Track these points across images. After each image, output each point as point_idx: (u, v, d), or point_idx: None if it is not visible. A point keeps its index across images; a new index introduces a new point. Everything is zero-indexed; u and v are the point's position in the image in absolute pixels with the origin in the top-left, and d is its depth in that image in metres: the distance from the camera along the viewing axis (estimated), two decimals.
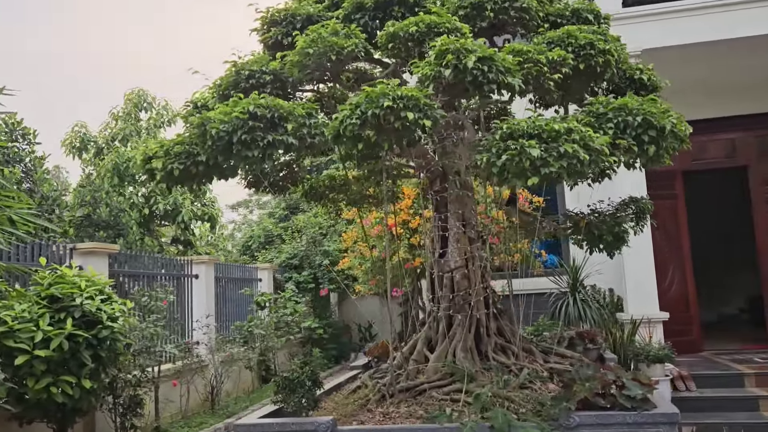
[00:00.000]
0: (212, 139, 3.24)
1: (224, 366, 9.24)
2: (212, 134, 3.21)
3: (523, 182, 3.13)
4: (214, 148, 3.25)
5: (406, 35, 3.48)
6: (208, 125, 3.20)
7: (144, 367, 7.08)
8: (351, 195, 5.69)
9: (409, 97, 2.99)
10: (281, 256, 14.39)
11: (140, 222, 14.75)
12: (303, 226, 15.20)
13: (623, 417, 3.12)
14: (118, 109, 16.71)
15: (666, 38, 7.55)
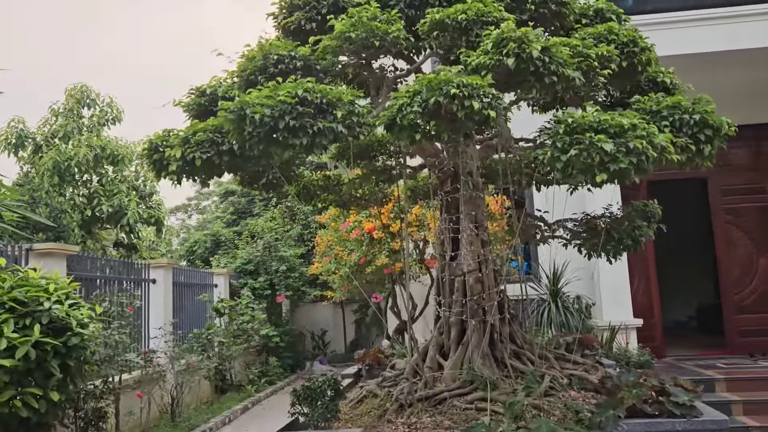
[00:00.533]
0: (253, 125, 2.94)
1: (184, 376, 8.77)
2: (254, 119, 2.91)
3: (589, 179, 3.01)
4: (255, 135, 2.96)
5: (454, 23, 3.30)
6: (249, 110, 2.91)
7: (107, 378, 6.59)
8: (342, 196, 5.46)
9: (474, 85, 2.81)
10: (236, 261, 13.92)
11: (81, 224, 13.93)
12: (260, 231, 14.76)
13: (672, 424, 3.04)
14: (59, 105, 15.78)
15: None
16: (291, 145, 2.93)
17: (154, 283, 9.50)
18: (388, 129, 2.96)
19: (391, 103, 2.95)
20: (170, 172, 3.47)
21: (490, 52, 3.08)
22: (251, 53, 3.49)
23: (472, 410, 3.69)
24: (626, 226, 4.48)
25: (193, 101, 4.01)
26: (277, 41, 3.52)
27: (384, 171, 4.93)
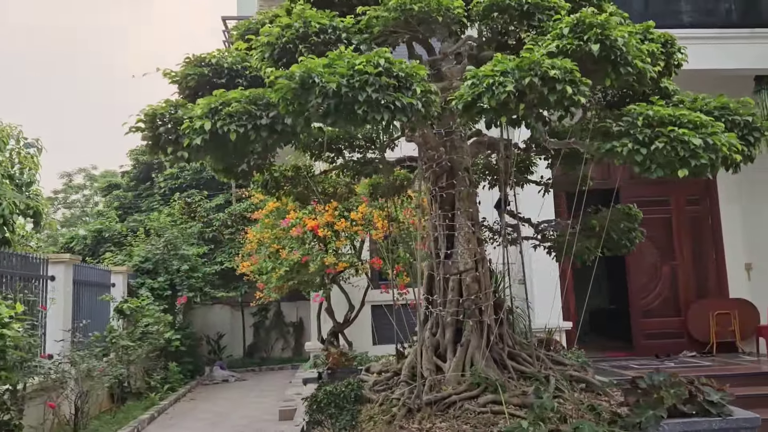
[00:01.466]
0: (323, 96, 2.57)
1: (86, 382, 7.91)
2: (325, 89, 2.54)
3: (669, 173, 2.96)
4: (323, 107, 2.58)
5: (516, 4, 3.12)
6: (320, 78, 2.52)
7: (15, 385, 5.76)
8: (308, 189, 5.13)
9: (566, 69, 2.65)
10: (132, 259, 12.88)
11: None
12: (155, 227, 13.77)
13: (709, 423, 3.08)
14: None
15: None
16: (369, 120, 2.62)
17: (53, 281, 8.52)
18: (466, 110, 2.75)
19: (474, 82, 2.72)
20: (188, 148, 2.98)
21: (567, 36, 2.96)
22: (285, 21, 3.10)
23: (486, 413, 3.54)
24: (622, 227, 4.56)
25: (193, 71, 3.53)
26: (311, 10, 3.16)
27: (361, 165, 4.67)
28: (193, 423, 8.91)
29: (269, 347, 16.50)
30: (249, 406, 10.05)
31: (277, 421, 8.72)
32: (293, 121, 2.79)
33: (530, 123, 2.81)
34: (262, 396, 11.10)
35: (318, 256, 6.89)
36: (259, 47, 3.16)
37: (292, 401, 9.52)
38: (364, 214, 7.05)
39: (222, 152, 2.95)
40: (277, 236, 7.50)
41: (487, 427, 3.39)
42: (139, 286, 12.37)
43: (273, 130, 2.89)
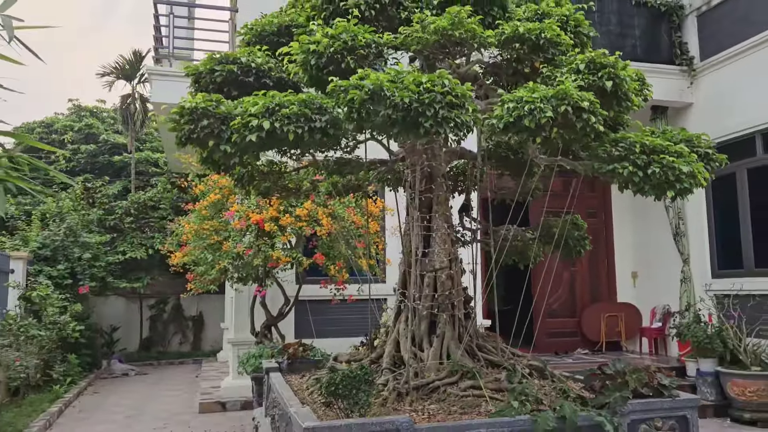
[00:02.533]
0: (393, 108, 2.77)
1: None
2: (395, 103, 2.75)
3: (657, 194, 3.44)
4: (392, 118, 2.77)
5: (534, 38, 3.47)
6: (392, 92, 2.71)
7: None
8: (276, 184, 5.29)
9: (591, 101, 3.05)
10: (30, 244, 12.12)
11: None
12: (58, 213, 13.03)
13: (661, 403, 3.63)
14: None
15: None
16: (432, 133, 2.87)
17: None
18: (507, 128, 3.08)
19: (514, 105, 3.05)
20: (230, 143, 3.06)
21: (583, 72, 3.39)
22: (331, 31, 3.24)
23: (468, 397, 3.92)
24: (576, 236, 5.12)
25: (221, 68, 3.60)
26: (357, 26, 3.31)
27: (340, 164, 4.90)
28: (108, 416, 8.63)
29: (166, 341, 16.05)
30: (161, 400, 9.86)
31: (197, 414, 8.70)
32: (355, 128, 3.01)
33: (561, 143, 3.19)
34: (172, 390, 10.90)
35: (262, 249, 7.00)
36: (301, 54, 3.31)
37: (211, 395, 9.49)
38: (310, 211, 7.24)
39: (273, 148, 3.09)
40: (216, 228, 7.50)
41: (473, 408, 3.77)
42: (37, 273, 11.68)
43: (326, 132, 3.09)
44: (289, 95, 3.08)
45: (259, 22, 4.19)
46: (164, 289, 16.31)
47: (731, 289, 8.75)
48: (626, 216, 11.34)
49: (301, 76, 3.39)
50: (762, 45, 8.75)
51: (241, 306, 9.37)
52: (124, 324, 15.54)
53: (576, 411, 3.44)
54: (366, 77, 2.90)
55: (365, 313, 9.82)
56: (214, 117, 3.15)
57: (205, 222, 7.40)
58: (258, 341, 7.91)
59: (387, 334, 4.88)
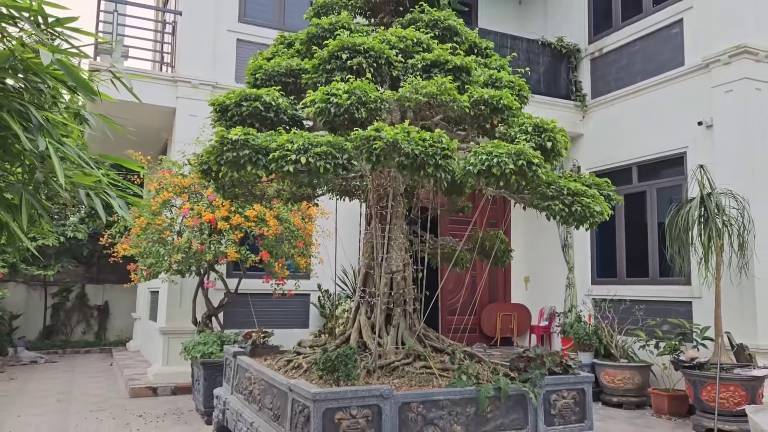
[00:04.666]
0: (405, 156, 3.63)
1: None
2: (407, 152, 3.60)
3: (578, 225, 4.54)
4: (404, 164, 3.63)
5: (494, 103, 4.46)
6: (404, 144, 3.57)
7: None
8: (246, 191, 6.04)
9: (539, 156, 4.07)
10: None
11: None
12: None
13: (567, 379, 4.79)
14: None
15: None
16: (432, 175, 3.76)
17: None
18: (480, 173, 4.03)
19: (485, 157, 4.01)
20: (265, 170, 3.80)
21: (530, 133, 4.45)
22: (350, 87, 4.03)
23: (422, 374, 4.90)
24: (502, 248, 6.25)
25: (249, 105, 4.30)
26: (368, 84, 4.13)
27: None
28: (37, 401, 8.86)
29: (69, 330, 15.91)
30: (85, 386, 10.12)
31: (129, 398, 9.13)
32: (372, 168, 3.86)
33: (509, 183, 4.19)
34: (90, 377, 11.12)
35: (214, 245, 7.65)
36: (321, 102, 4.08)
37: (139, 380, 9.90)
38: (258, 212, 7.97)
39: (303, 178, 3.86)
40: (169, 224, 8.03)
41: (427, 382, 4.76)
42: None
43: (345, 168, 3.92)
44: (323, 137, 3.90)
45: (268, 65, 4.94)
46: (69, 277, 16.15)
47: (607, 295, 10.40)
48: (521, 228, 12.86)
49: (318, 119, 4.20)
50: (639, 92, 10.48)
51: (174, 297, 9.88)
52: (24, 312, 15.26)
53: (508, 383, 4.54)
54: (381, 129, 3.80)
55: (291, 307, 10.66)
56: (252, 148, 3.91)
57: (157, 218, 7.91)
58: (200, 330, 8.51)
59: (345, 324, 5.79)
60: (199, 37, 10.54)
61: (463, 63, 4.58)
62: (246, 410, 5.31)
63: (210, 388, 7.64)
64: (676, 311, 9.43)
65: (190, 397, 9.09)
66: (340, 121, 4.13)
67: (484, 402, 4.38)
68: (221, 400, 6.05)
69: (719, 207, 7.97)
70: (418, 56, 4.61)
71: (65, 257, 14.92)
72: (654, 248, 10.01)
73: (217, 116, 4.66)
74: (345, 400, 4.02)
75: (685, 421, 8.32)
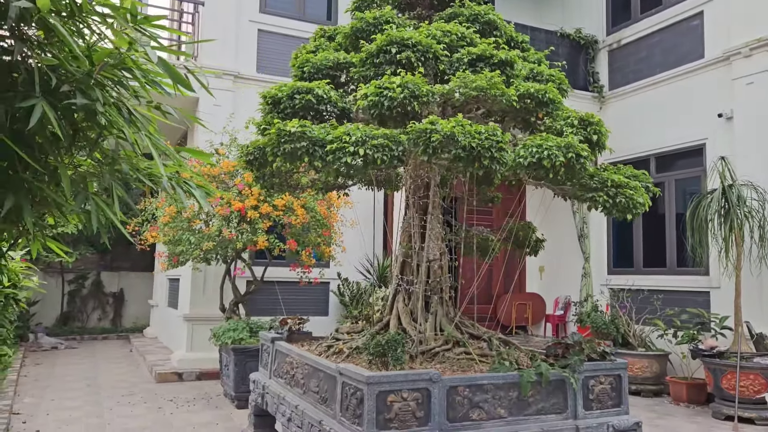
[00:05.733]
0: (462, 149, 3.76)
1: None
2: (463, 145, 3.74)
3: (621, 216, 4.67)
4: (460, 156, 3.77)
5: (542, 96, 4.59)
6: (461, 137, 3.71)
7: None
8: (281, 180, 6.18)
9: (587, 150, 4.20)
10: None
11: None
12: None
13: (605, 365, 4.94)
14: None
15: None
16: (485, 167, 3.89)
17: None
18: (531, 165, 4.16)
19: (536, 149, 4.14)
20: (321, 162, 3.92)
21: (576, 126, 4.57)
22: (403, 80, 4.15)
23: (463, 360, 5.05)
24: (533, 238, 6.39)
25: (302, 98, 4.42)
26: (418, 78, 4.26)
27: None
28: (68, 385, 9.04)
29: (86, 317, 16.09)
30: (110, 372, 10.30)
31: (156, 383, 9.31)
32: (428, 159, 3.97)
33: (558, 175, 4.31)
34: (113, 363, 11.30)
35: (245, 234, 7.79)
36: (375, 96, 4.19)
37: (163, 366, 10.08)
38: (286, 202, 8.10)
39: (357, 170, 3.99)
40: (199, 212, 8.17)
41: (468, 367, 4.92)
42: None
43: (401, 159, 4.04)
44: (373, 129, 4.01)
45: (315, 58, 5.05)
46: (84, 264, 16.31)
47: (624, 284, 10.55)
48: (537, 218, 12.96)
49: (371, 112, 4.31)
50: (658, 84, 10.58)
51: (198, 284, 10.04)
52: (41, 298, 15.43)
53: (549, 369, 4.69)
54: (436, 122, 3.91)
55: (311, 295, 10.82)
56: (309, 139, 4.03)
57: (187, 207, 8.05)
58: (228, 317, 8.66)
59: (382, 311, 5.94)
60: (221, 26, 10.62)
61: (507, 57, 4.69)
62: (288, 394, 5.46)
63: (240, 374, 7.82)
64: (693, 301, 9.57)
65: (215, 382, 9.28)
66: (390, 114, 4.25)
67: (526, 387, 4.53)
68: (259, 384, 6.20)
69: (741, 198, 8.09)
70: (463, 51, 4.72)
71: (83, 245, 15.07)
72: (672, 239, 10.14)
73: (268, 108, 4.77)
74: (397, 383, 4.17)
75: (703, 408, 8.48)
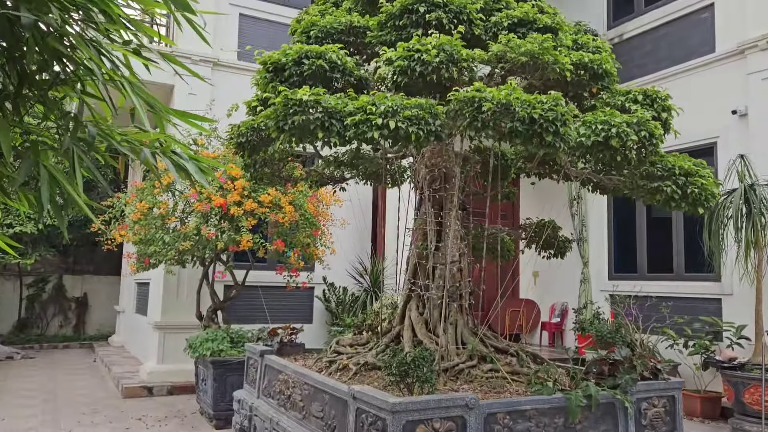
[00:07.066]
0: (519, 122, 3.00)
1: None
2: (521, 117, 2.98)
3: (691, 210, 3.97)
4: (517, 129, 3.01)
5: (598, 67, 3.87)
6: (518, 107, 2.95)
7: None
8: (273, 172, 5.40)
9: (656, 125, 3.51)
10: None
11: None
12: None
13: (658, 385, 4.26)
14: None
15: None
16: (543, 145, 3.15)
17: None
18: (595, 145, 3.45)
19: (602, 127, 3.43)
20: (338, 136, 3.13)
21: (641, 102, 3.88)
22: (437, 42, 3.39)
23: (492, 378, 4.31)
24: (562, 238, 5.70)
25: (312, 63, 3.62)
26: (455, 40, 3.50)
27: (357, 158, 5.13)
28: (22, 401, 8.06)
29: (45, 323, 14.95)
30: (70, 385, 9.33)
31: (123, 399, 8.38)
32: (475, 134, 3.22)
33: (626, 158, 3.61)
34: (74, 375, 10.31)
35: (227, 233, 6.94)
36: (403, 60, 3.43)
37: (132, 379, 9.13)
38: (273, 198, 7.28)
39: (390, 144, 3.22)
40: (173, 208, 7.30)
41: (501, 388, 4.18)
42: None
43: (438, 136, 3.29)
44: (411, 100, 3.26)
45: (324, 21, 4.28)
46: (44, 267, 15.19)
47: (629, 291, 9.95)
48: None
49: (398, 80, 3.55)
50: (664, 79, 10.01)
51: (171, 289, 9.13)
52: None
53: (598, 390, 3.98)
54: (483, 90, 3.18)
55: (294, 301, 10.00)
56: (324, 110, 3.25)
57: (161, 203, 7.18)
58: (205, 325, 7.80)
59: (391, 320, 5.17)
60: (199, 8, 9.74)
61: (554, 23, 3.99)
62: (283, 418, 4.66)
63: (220, 389, 6.97)
64: (703, 308, 9.02)
65: (189, 397, 8.39)
66: (423, 83, 3.49)
67: (575, 412, 3.81)
68: (245, 404, 5.38)
69: (765, 199, 7.54)
70: (501, 14, 4.00)
71: (42, 246, 13.97)
72: (679, 242, 9.59)
73: (268, 78, 3.97)
74: (428, 411, 3.41)
75: (719, 424, 7.90)
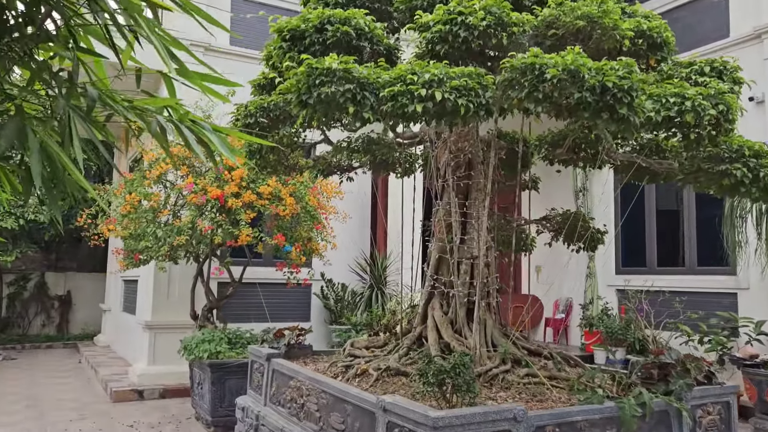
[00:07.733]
0: (589, 91, 2.57)
1: None
2: (591, 87, 2.56)
3: (763, 198, 3.58)
4: (586, 101, 2.58)
5: (657, 35, 3.45)
6: (593, 76, 2.52)
7: None
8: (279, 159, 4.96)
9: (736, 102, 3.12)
10: None
11: None
12: None
13: (713, 389, 3.89)
14: None
15: None
16: (625, 120, 2.71)
17: None
18: (664, 121, 3.05)
19: (675, 100, 3.03)
20: (372, 111, 2.69)
21: (707, 74, 3.47)
22: (484, 3, 2.96)
23: (530, 384, 3.90)
24: (593, 230, 5.32)
25: (336, 29, 3.15)
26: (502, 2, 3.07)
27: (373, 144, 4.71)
28: (6, 407, 7.54)
29: (27, 323, 14.35)
30: (55, 388, 8.81)
31: (113, 403, 7.90)
32: (534, 107, 2.77)
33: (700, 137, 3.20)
34: (58, 377, 9.78)
35: (224, 227, 6.47)
36: (444, 24, 2.99)
37: (121, 382, 8.63)
38: (273, 189, 6.82)
39: (434, 120, 2.77)
40: (165, 201, 6.82)
41: (541, 395, 3.78)
42: None
43: (488, 110, 2.86)
44: (457, 69, 2.82)
45: None
46: (26, 264, 14.58)
47: (639, 285, 9.61)
48: (533, 212, 11.99)
49: (435, 48, 3.11)
50: None
51: (161, 286, 8.64)
52: None
53: (652, 398, 3.60)
54: (539, 56, 2.75)
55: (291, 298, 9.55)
56: (356, 82, 2.81)
57: (152, 195, 6.69)
58: (201, 325, 7.33)
59: (411, 320, 4.75)
60: None
61: None
62: (296, 429, 4.22)
63: (218, 393, 6.51)
64: (717, 303, 8.70)
65: (182, 400, 7.92)
66: (467, 51, 3.06)
67: (630, 423, 3.42)
68: (251, 413, 4.93)
69: None
70: None
71: (24, 242, 13.35)
72: (691, 235, 9.27)
73: (285, 47, 3.51)
74: (472, 425, 3.00)
75: (739, 423, 7.57)
